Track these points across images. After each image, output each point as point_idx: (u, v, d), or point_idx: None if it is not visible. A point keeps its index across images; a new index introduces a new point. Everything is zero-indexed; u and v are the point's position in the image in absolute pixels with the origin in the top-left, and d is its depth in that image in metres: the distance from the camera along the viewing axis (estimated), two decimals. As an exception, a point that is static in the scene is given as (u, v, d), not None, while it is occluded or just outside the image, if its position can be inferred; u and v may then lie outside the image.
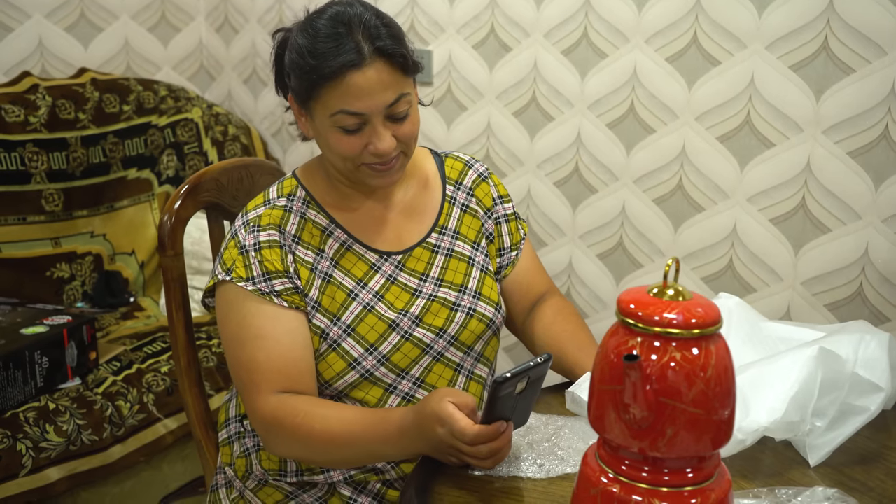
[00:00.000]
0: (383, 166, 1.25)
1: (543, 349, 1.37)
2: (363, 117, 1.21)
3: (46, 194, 2.39)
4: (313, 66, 1.19)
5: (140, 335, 2.25)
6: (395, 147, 1.23)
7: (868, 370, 1.17)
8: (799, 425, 1.14)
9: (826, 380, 1.14)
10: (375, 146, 1.22)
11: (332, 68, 1.18)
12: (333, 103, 1.20)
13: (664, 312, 0.81)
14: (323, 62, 1.18)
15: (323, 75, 1.19)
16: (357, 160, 1.25)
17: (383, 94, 1.20)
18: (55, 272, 2.40)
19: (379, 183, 1.28)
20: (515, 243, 1.45)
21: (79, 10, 2.68)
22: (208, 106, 2.78)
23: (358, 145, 1.23)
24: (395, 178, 1.28)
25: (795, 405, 1.13)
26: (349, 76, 1.18)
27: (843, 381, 1.16)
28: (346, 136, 1.22)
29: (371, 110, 1.20)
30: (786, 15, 1.80)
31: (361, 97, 1.19)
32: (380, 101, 1.20)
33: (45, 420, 1.86)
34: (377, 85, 1.19)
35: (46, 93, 2.42)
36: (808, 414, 1.14)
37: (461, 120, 2.40)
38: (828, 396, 1.15)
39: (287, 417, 1.21)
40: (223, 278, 1.27)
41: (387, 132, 1.22)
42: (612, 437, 0.84)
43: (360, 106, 1.20)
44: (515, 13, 2.22)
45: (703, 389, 0.80)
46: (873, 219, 1.76)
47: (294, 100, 1.28)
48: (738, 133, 1.92)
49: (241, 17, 2.91)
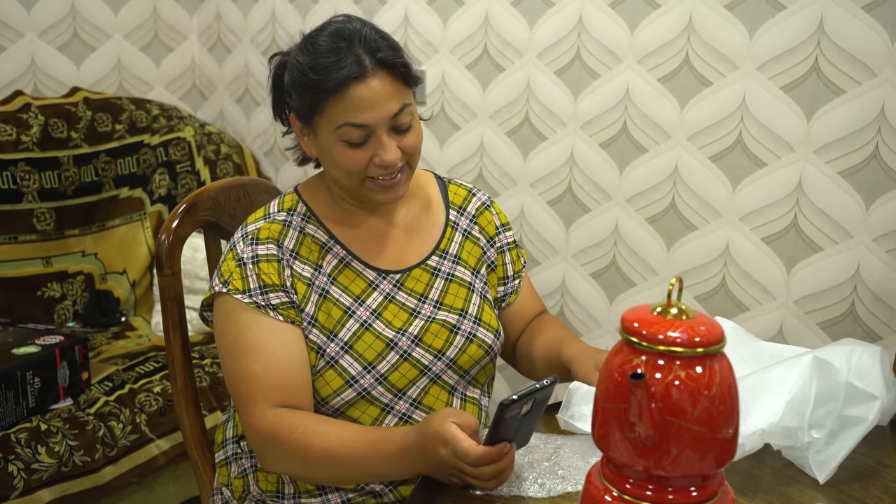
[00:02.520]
0: (389, 180, 1.25)
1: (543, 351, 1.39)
2: (368, 129, 1.21)
3: (38, 213, 2.38)
4: (316, 81, 1.20)
5: (132, 355, 2.24)
6: (400, 158, 1.24)
7: (862, 380, 1.19)
8: (796, 433, 1.15)
9: (821, 389, 1.16)
10: (381, 158, 1.22)
11: (335, 81, 1.19)
12: (338, 116, 1.21)
13: (668, 331, 0.82)
14: (326, 76, 1.19)
15: (326, 89, 1.19)
16: (363, 175, 1.25)
17: (387, 104, 1.21)
18: (46, 291, 2.39)
19: (384, 198, 1.28)
20: (517, 271, 1.47)
21: (71, 30, 2.68)
22: (200, 125, 2.78)
23: (363, 159, 1.23)
24: (400, 193, 1.28)
25: (791, 411, 1.14)
26: (352, 88, 1.19)
27: (839, 391, 1.17)
28: (352, 149, 1.23)
29: (376, 122, 1.21)
30: (777, 36, 1.82)
31: (365, 109, 1.20)
32: (384, 113, 1.21)
33: (37, 441, 1.84)
34: (380, 96, 1.20)
35: (39, 112, 2.42)
36: (804, 422, 1.14)
37: (454, 139, 2.41)
38: (824, 407, 1.16)
39: (284, 433, 1.21)
40: (220, 290, 1.27)
41: (392, 143, 1.23)
42: (616, 456, 0.85)
43: (365, 118, 1.20)
44: (508, 34, 2.24)
45: (707, 408, 0.81)
46: (864, 238, 1.78)
47: (297, 119, 1.28)
48: (730, 153, 1.94)
49: (233, 36, 2.92)
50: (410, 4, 2.41)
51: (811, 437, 1.15)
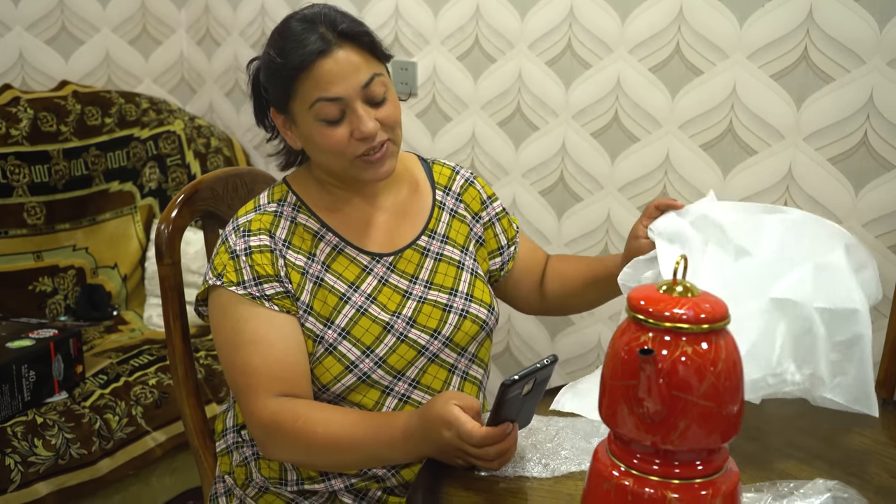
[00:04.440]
0: (374, 154, 1.26)
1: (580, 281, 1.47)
2: (342, 102, 1.22)
3: (28, 207, 2.37)
4: (282, 63, 1.22)
5: (126, 348, 2.24)
6: (379, 130, 1.25)
7: (831, 298, 1.10)
8: (766, 381, 1.09)
9: (793, 326, 1.10)
10: (359, 130, 1.23)
11: (301, 58, 1.21)
12: (310, 94, 1.22)
13: (674, 308, 0.83)
14: (291, 57, 1.22)
15: (294, 67, 1.21)
16: (348, 153, 1.25)
17: (356, 75, 1.22)
18: (37, 286, 2.38)
19: (373, 175, 1.28)
20: (511, 238, 1.49)
21: (59, 23, 2.67)
22: (190, 118, 2.78)
23: (344, 136, 1.24)
24: (387, 168, 1.29)
25: (752, 362, 1.06)
26: (319, 62, 1.21)
27: (811, 322, 1.10)
28: (331, 128, 1.23)
29: (347, 93, 1.22)
30: (766, 25, 1.85)
31: (335, 81, 1.21)
32: (354, 83, 1.22)
33: (34, 434, 1.84)
34: (347, 66, 1.22)
35: (28, 105, 2.41)
36: (772, 368, 1.09)
37: (446, 130, 2.42)
38: (803, 341, 1.10)
39: (287, 421, 1.21)
40: (214, 283, 1.28)
41: (368, 114, 1.24)
42: (624, 432, 0.86)
43: (336, 91, 1.22)
44: (500, 24, 2.25)
45: (713, 383, 0.82)
46: (854, 224, 1.81)
47: (277, 113, 1.30)
48: (721, 141, 1.96)
49: (222, 29, 2.91)
50: (401, -4, 2.42)
51: (804, 374, 1.10)
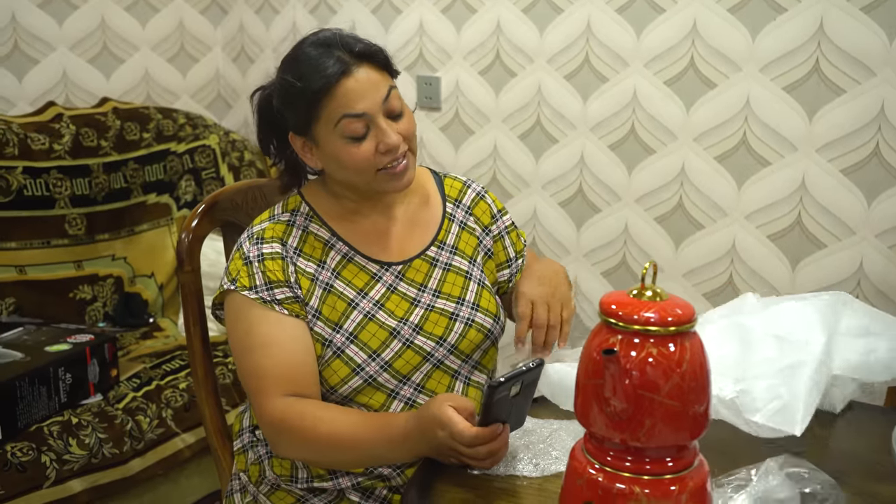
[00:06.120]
0: (398, 166, 1.32)
1: None
2: (366, 118, 1.28)
3: (70, 219, 2.48)
4: (305, 87, 1.27)
5: (159, 354, 2.33)
6: (401, 141, 1.31)
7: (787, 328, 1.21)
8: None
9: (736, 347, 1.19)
10: (385, 143, 1.29)
11: (324, 81, 1.27)
12: (335, 113, 1.28)
13: (642, 311, 0.87)
14: (312, 80, 1.27)
15: (318, 90, 1.27)
16: (373, 167, 1.31)
17: (376, 91, 1.29)
18: (77, 294, 2.48)
19: (396, 185, 1.34)
20: (519, 251, 1.53)
21: (101, 43, 2.79)
22: (225, 133, 2.87)
23: (370, 150, 1.30)
24: (410, 177, 1.35)
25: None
26: (342, 83, 1.27)
27: (756, 344, 1.19)
28: (357, 144, 1.29)
29: (371, 109, 1.28)
30: (778, 38, 1.87)
31: (358, 99, 1.27)
32: (376, 98, 1.29)
33: (69, 434, 1.93)
34: (367, 83, 1.28)
35: (70, 121, 2.52)
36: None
37: (469, 143, 2.48)
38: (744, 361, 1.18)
39: (295, 420, 1.28)
40: (228, 287, 1.35)
41: (391, 127, 1.30)
42: (595, 430, 0.90)
43: (361, 107, 1.28)
44: (519, 40, 2.30)
45: (678, 383, 0.86)
46: (867, 234, 1.82)
47: (296, 136, 1.35)
48: (735, 153, 1.98)
49: (256, 47, 3.01)
50: (425, 13, 2.48)
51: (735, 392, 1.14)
